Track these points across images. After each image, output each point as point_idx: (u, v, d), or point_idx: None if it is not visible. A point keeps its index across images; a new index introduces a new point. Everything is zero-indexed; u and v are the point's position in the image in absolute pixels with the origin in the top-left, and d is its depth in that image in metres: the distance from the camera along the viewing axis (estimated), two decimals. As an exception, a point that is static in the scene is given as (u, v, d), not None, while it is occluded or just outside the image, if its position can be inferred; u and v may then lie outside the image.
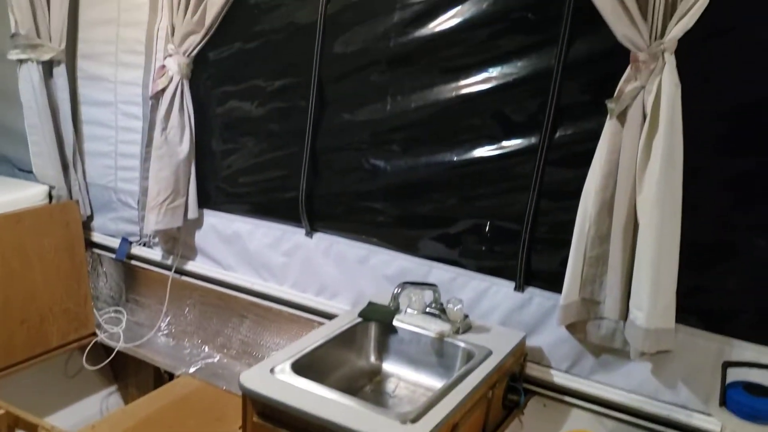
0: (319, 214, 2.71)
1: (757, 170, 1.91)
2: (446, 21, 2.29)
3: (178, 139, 2.86)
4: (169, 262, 3.13)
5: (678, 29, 1.84)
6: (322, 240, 2.71)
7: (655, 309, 1.91)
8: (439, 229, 2.46)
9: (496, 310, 2.35)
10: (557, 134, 2.15)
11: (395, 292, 2.11)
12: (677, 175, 1.90)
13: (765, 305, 1.96)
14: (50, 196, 3.16)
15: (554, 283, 2.18)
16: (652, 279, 1.89)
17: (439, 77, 2.34)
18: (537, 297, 2.27)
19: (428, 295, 2.29)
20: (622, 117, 1.95)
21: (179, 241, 3.09)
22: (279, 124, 2.73)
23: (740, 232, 1.96)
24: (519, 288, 2.30)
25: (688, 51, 1.85)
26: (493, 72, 2.24)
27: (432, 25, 2.31)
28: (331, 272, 2.70)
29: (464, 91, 2.30)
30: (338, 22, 2.50)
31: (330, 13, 2.51)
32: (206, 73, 2.87)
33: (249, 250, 2.92)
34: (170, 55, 2.81)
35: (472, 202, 2.37)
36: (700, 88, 1.89)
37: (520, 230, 2.25)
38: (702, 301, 2.03)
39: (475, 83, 2.28)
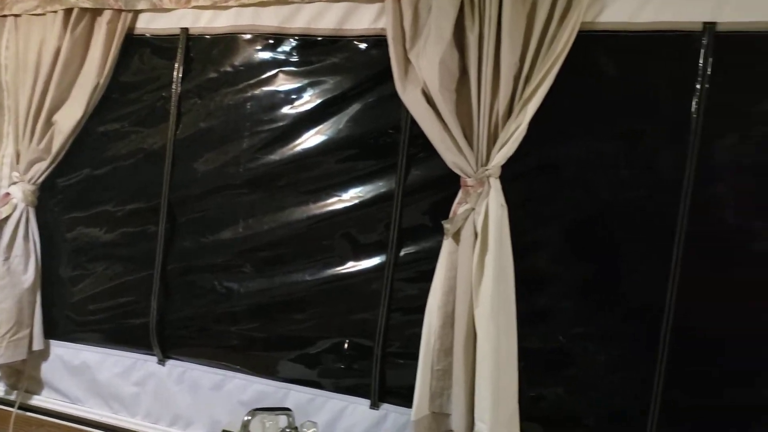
0: (172, 340, 2.63)
1: (589, 279, 2.08)
2: (295, 147, 2.39)
3: (22, 268, 2.73)
4: (12, 397, 2.89)
5: (500, 156, 2.02)
6: (176, 367, 2.62)
7: (497, 420, 1.97)
8: (297, 350, 2.45)
9: (353, 429, 2.34)
10: (402, 253, 2.25)
11: (245, 419, 2.06)
12: (510, 289, 2.03)
13: (602, 411, 2.06)
14: None
15: (409, 398, 2.20)
16: (493, 390, 1.96)
17: (290, 200, 2.42)
18: (392, 413, 2.29)
19: (282, 420, 2.24)
20: (457, 236, 2.08)
21: (24, 374, 2.88)
22: (129, 248, 2.68)
23: (575, 341, 2.08)
24: (374, 405, 2.31)
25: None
26: (342, 195, 2.34)
27: (281, 151, 2.41)
28: (184, 400, 2.60)
29: (315, 212, 2.38)
30: (188, 148, 2.54)
31: (180, 139, 2.55)
32: (54, 199, 2.81)
33: (98, 381, 2.76)
34: (15, 183, 2.73)
35: (329, 321, 2.40)
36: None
37: (373, 346, 2.28)
38: (545, 409, 2.11)
39: (325, 205, 2.37)
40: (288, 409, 2.24)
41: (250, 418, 2.07)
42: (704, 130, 1.92)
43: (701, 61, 1.92)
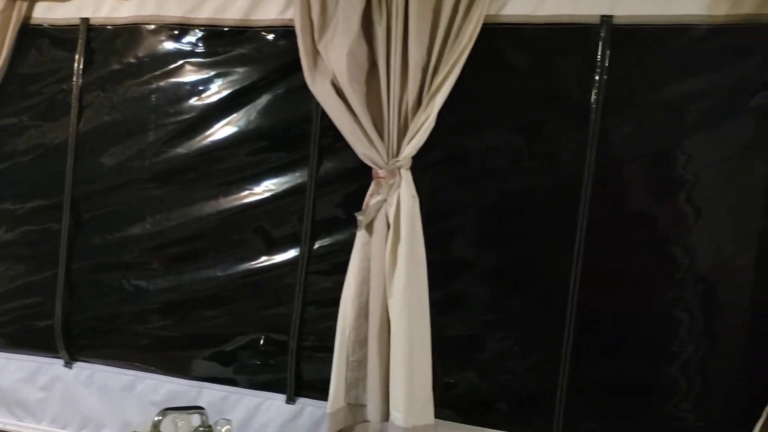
0: (79, 342, 2.54)
1: (499, 267, 2.13)
2: (204, 140, 2.34)
3: None
4: None
5: (411, 147, 2.04)
6: (83, 369, 2.52)
7: (412, 408, 1.99)
8: (211, 347, 2.41)
9: (269, 425, 2.32)
10: (316, 246, 2.24)
11: (155, 420, 2.01)
12: (422, 279, 2.06)
13: (513, 395, 2.12)
14: None
15: (325, 391, 2.19)
16: (406, 379, 1.99)
17: (199, 194, 2.37)
18: (309, 407, 2.28)
19: (195, 419, 2.19)
20: (369, 228, 2.08)
21: None
22: (31, 247, 2.57)
23: (483, 327, 2.13)
24: (290, 400, 2.29)
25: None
26: (254, 188, 2.31)
27: (189, 143, 2.35)
28: (93, 403, 2.51)
29: (226, 206, 2.34)
30: (92, 142, 2.45)
31: (82, 133, 2.45)
32: (-51, 197, 2.64)
33: (1, 388, 2.63)
34: None
35: (243, 317, 2.36)
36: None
37: (288, 341, 2.26)
38: (459, 395, 2.15)
39: (235, 199, 2.33)
40: (201, 408, 2.18)
41: (160, 418, 2.02)
42: (603, 121, 1.98)
43: (599, 53, 1.98)
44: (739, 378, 1.93)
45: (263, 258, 2.30)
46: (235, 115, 2.31)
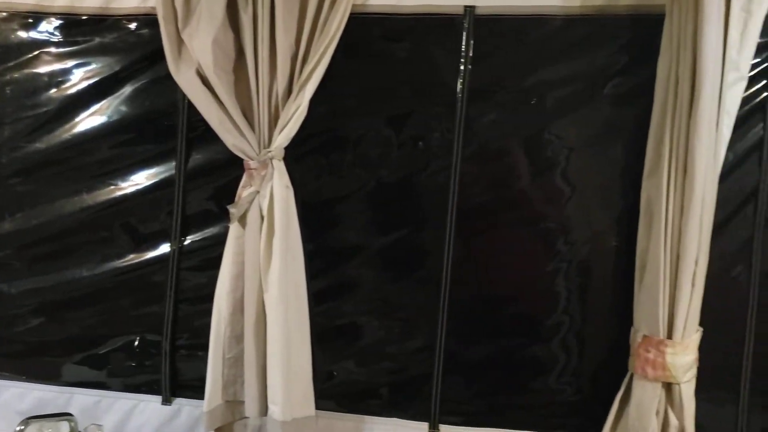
0: (-68, 353, 2.35)
1: (375, 255, 2.14)
2: (64, 133, 2.23)
3: None
4: None
5: (282, 138, 2.01)
6: (-61, 381, 2.35)
7: (290, 401, 1.98)
8: (81, 351, 2.30)
9: (144, 428, 2.24)
10: (187, 241, 2.17)
11: (17, 430, 1.89)
12: (299, 271, 2.04)
13: (393, 381, 2.14)
14: None
15: (203, 390, 2.14)
16: (283, 372, 1.97)
17: (62, 190, 2.25)
18: (186, 407, 2.23)
19: (64, 426, 2.08)
20: (242, 221, 2.05)
21: None
22: None
23: (362, 315, 2.14)
24: (166, 401, 2.22)
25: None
26: (119, 183, 2.22)
27: (49, 137, 2.23)
28: (-50, 418, 2.34)
29: (90, 203, 2.24)
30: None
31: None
32: None
33: None
34: None
35: (114, 318, 2.27)
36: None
37: (161, 341, 2.19)
38: (340, 385, 2.16)
39: (100, 195, 2.23)
40: (69, 414, 2.08)
41: (22, 428, 1.90)
42: (469, 108, 2.02)
43: (464, 43, 2.02)
44: (609, 351, 2.01)
45: (132, 255, 2.22)
46: (97, 106, 2.21)
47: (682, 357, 1.78)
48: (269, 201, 2.01)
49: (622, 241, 1.99)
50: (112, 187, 2.21)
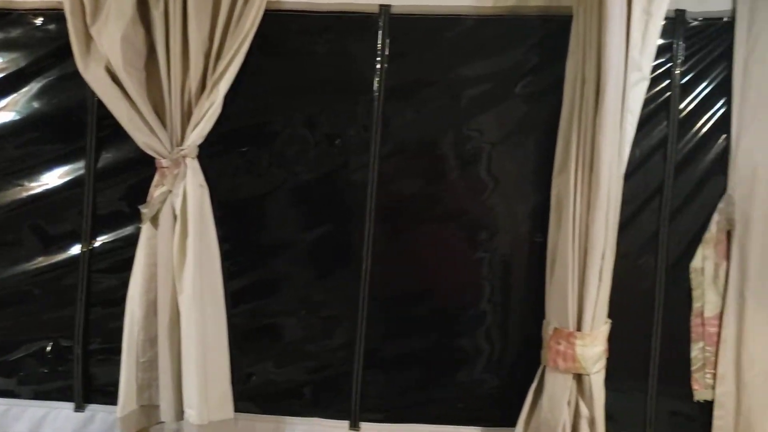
0: None
1: (297, 254, 2.13)
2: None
3: None
4: None
5: (195, 135, 1.98)
6: None
7: (206, 404, 1.95)
8: (-11, 358, 2.20)
9: (56, 436, 2.16)
10: (99, 243, 2.12)
11: None
12: (215, 270, 2.01)
13: (313, 380, 2.14)
14: None
15: (116, 396, 2.09)
16: (199, 375, 1.93)
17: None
18: (100, 413, 2.17)
19: (-34, 438, 2.00)
20: (155, 221, 2.00)
21: None
22: None
23: (282, 315, 2.12)
24: (79, 407, 2.16)
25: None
26: (26, 183, 2.14)
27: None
28: None
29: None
30: None
31: None
32: None
33: None
34: None
35: (25, 323, 2.19)
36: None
37: (72, 346, 2.12)
38: (260, 386, 2.13)
39: (6, 196, 2.15)
40: (-27, 426, 2.00)
41: None
42: (386, 106, 2.03)
43: (380, 41, 2.03)
44: (527, 344, 2.05)
45: (41, 258, 2.14)
46: (2, 104, 2.13)
47: (591, 348, 1.83)
48: (182, 200, 1.97)
49: (538, 236, 2.02)
50: (20, 187, 2.14)
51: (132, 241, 2.06)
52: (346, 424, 2.12)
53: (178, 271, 1.98)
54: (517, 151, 2.06)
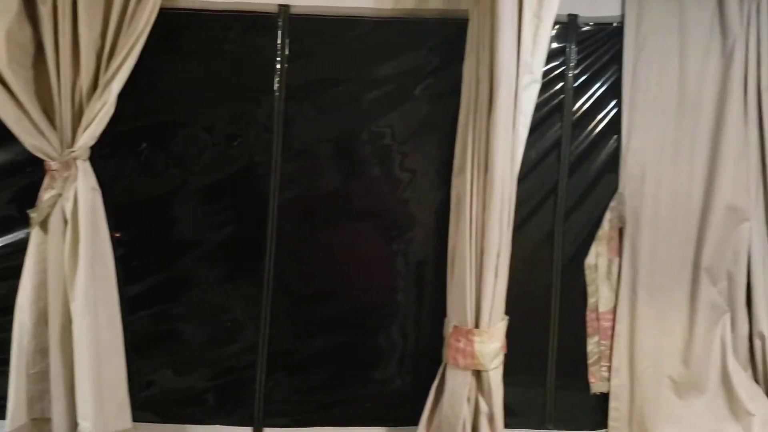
0: None
1: (198, 257, 2.09)
2: None
3: None
4: None
5: (87, 136, 1.91)
6: None
7: (102, 414, 1.88)
8: None
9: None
10: (-15, 249, 2.01)
11: None
12: (109, 276, 1.94)
13: (213, 387, 2.09)
14: None
15: (5, 409, 1.99)
16: (94, 385, 1.87)
17: None
18: (-12, 428, 2.04)
19: None
20: (45, 226, 1.92)
21: None
22: None
23: (182, 320, 2.07)
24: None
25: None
26: None
27: None
28: None
29: None
30: None
31: None
32: None
33: None
34: None
35: None
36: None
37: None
38: (157, 394, 2.07)
39: None
40: None
41: None
42: (287, 106, 2.02)
43: (279, 41, 2.01)
44: (432, 343, 2.07)
45: None
46: None
47: (489, 345, 1.87)
48: (73, 204, 1.90)
49: (443, 236, 2.04)
50: None
51: (21, 247, 1.97)
52: (249, 430, 2.08)
53: (70, 277, 1.91)
54: (420, 151, 2.09)
